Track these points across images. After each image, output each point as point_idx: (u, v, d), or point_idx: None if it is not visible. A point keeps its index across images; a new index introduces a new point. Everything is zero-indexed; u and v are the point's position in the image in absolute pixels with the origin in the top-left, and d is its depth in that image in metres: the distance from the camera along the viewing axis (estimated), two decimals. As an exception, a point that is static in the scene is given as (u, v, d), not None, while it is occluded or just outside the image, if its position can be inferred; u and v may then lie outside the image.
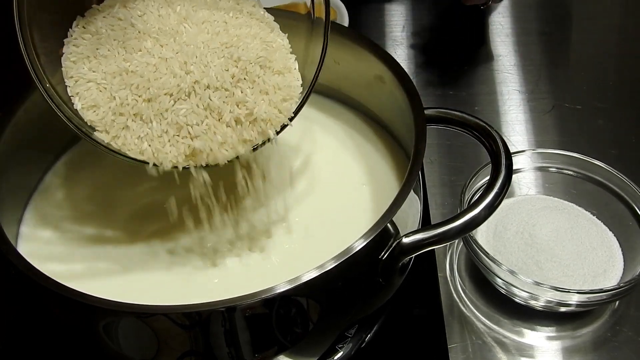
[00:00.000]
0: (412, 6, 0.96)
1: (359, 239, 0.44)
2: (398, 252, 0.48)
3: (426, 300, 0.61)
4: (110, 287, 0.50)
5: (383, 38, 0.91)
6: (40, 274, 0.44)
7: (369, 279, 0.48)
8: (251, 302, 0.42)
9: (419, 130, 0.51)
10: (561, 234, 0.60)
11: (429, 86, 0.83)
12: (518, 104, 0.81)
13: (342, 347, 0.51)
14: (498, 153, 0.51)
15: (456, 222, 0.48)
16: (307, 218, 0.55)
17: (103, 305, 0.42)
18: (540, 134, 0.77)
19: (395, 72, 0.56)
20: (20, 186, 0.56)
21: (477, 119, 0.54)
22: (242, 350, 0.46)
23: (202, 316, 0.43)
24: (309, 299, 0.45)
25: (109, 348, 0.46)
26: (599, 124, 0.78)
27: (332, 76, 0.63)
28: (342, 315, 0.49)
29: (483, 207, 0.48)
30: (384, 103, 0.60)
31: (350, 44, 0.59)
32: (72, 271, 0.52)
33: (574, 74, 0.86)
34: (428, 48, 0.89)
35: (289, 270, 0.50)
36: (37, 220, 0.56)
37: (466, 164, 0.73)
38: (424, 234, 0.48)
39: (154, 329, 0.44)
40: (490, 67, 0.86)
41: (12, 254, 0.46)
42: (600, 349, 0.58)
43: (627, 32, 0.93)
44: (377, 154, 0.60)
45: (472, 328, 0.59)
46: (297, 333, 0.47)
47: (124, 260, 0.52)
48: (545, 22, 0.93)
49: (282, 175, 0.58)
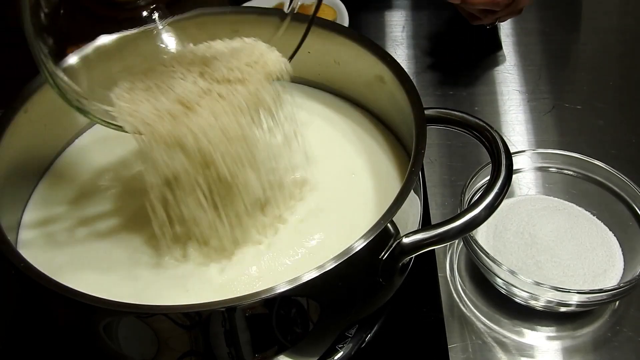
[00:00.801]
0: (413, 6, 0.96)
1: (359, 239, 0.44)
2: (398, 252, 0.48)
3: (426, 300, 0.61)
4: (111, 286, 0.50)
5: (383, 38, 0.91)
6: (40, 274, 0.44)
7: (369, 279, 0.48)
8: (251, 302, 0.42)
9: (419, 130, 0.51)
10: (561, 234, 0.60)
11: (429, 86, 0.84)
12: (518, 104, 0.81)
13: (342, 347, 0.51)
14: (498, 153, 0.51)
15: (456, 222, 0.48)
16: (306, 215, 0.55)
17: (103, 305, 0.42)
18: (541, 134, 0.77)
19: (395, 72, 0.56)
20: (19, 186, 0.56)
21: (477, 119, 0.54)
22: (243, 350, 0.46)
23: (202, 316, 0.43)
24: (309, 299, 0.45)
25: (109, 348, 0.46)
26: (599, 124, 0.78)
27: (333, 76, 0.63)
28: (342, 315, 0.49)
29: (483, 207, 0.48)
30: (385, 103, 0.60)
31: (351, 44, 0.59)
32: (73, 271, 0.52)
33: (574, 74, 0.86)
34: (428, 48, 0.89)
35: (288, 269, 0.51)
36: (37, 220, 0.56)
37: (466, 164, 0.73)
38: (424, 234, 0.48)
39: (154, 329, 0.44)
40: (491, 67, 0.86)
41: (12, 254, 0.46)
42: (600, 349, 0.58)
43: (627, 32, 0.93)
44: (380, 150, 0.60)
45: (472, 328, 0.60)
46: (297, 333, 0.47)
47: (125, 259, 0.52)
48: (546, 22, 0.93)
49: (283, 169, 0.58)
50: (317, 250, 0.52)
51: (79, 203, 0.57)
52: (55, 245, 0.54)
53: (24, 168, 0.57)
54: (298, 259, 0.51)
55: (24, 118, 0.55)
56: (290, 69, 0.52)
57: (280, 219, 0.54)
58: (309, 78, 0.65)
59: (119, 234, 0.54)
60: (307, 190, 0.56)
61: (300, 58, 0.63)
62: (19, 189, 0.57)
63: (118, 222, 0.55)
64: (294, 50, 0.53)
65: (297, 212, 0.55)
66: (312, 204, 0.55)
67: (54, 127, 0.59)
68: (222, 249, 0.52)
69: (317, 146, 0.59)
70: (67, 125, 0.61)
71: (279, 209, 0.54)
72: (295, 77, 0.65)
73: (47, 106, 0.57)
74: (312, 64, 0.63)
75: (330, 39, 0.60)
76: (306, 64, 0.63)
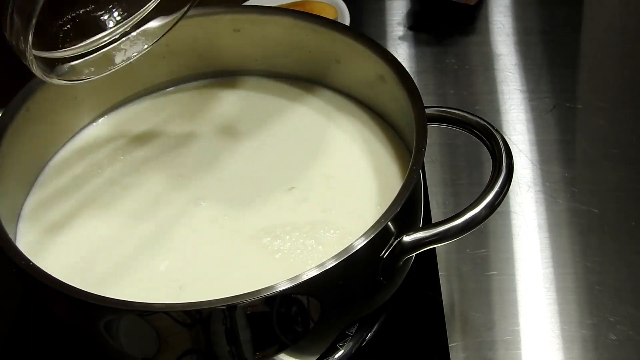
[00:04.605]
0: (414, 5, 0.96)
1: (360, 237, 0.44)
2: (399, 250, 0.48)
3: (427, 299, 0.61)
4: (112, 285, 0.50)
5: (384, 37, 0.91)
6: (41, 272, 0.44)
7: (370, 278, 0.48)
8: (252, 300, 0.42)
9: (419, 129, 0.51)
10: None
11: (430, 85, 0.84)
12: (519, 103, 0.81)
13: (342, 345, 0.51)
14: (499, 152, 0.51)
15: (457, 221, 0.48)
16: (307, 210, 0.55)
17: (104, 303, 0.43)
18: (541, 133, 0.77)
19: (396, 71, 0.56)
20: (18, 182, 0.56)
21: (478, 118, 0.54)
22: (243, 348, 0.46)
23: (203, 314, 0.43)
24: (309, 297, 0.45)
25: (110, 346, 0.46)
26: (600, 124, 0.78)
27: (334, 75, 0.63)
28: (343, 314, 0.49)
29: (484, 206, 0.48)
30: (386, 101, 0.60)
31: (352, 43, 0.59)
32: (73, 269, 0.52)
33: (575, 73, 0.86)
34: (429, 47, 0.89)
35: (289, 264, 0.51)
36: (37, 218, 0.56)
37: (467, 164, 0.73)
38: (425, 232, 0.48)
39: (155, 327, 0.45)
40: (491, 66, 0.86)
41: (13, 252, 0.46)
42: (601, 349, 0.58)
43: (628, 32, 0.93)
44: (382, 148, 0.60)
45: (473, 327, 0.60)
46: (297, 331, 0.47)
47: (126, 256, 0.52)
48: (547, 21, 0.93)
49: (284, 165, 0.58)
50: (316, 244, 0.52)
51: (79, 199, 0.57)
52: (55, 242, 0.54)
53: (25, 166, 0.57)
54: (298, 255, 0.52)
55: (25, 117, 0.55)
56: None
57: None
58: (310, 76, 0.65)
59: (120, 230, 0.54)
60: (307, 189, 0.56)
61: (301, 56, 0.63)
62: (20, 187, 0.57)
63: (119, 217, 0.55)
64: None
65: (296, 210, 0.55)
66: (312, 200, 0.56)
67: (55, 125, 0.59)
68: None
69: (318, 144, 0.59)
70: (68, 124, 0.61)
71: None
72: (296, 75, 0.65)
73: (49, 104, 0.57)
74: (313, 63, 0.63)
75: (331, 38, 0.60)
76: (307, 63, 0.64)
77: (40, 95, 0.56)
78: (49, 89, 0.56)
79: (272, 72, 0.66)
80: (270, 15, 0.62)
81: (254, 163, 0.59)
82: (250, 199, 0.56)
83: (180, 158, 0.60)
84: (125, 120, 0.63)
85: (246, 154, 0.60)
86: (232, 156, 0.59)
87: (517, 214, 0.68)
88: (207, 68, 0.66)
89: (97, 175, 0.59)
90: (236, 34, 0.63)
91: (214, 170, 0.58)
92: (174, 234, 0.53)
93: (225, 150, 0.60)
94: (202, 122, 0.63)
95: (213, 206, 0.55)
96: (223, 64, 0.66)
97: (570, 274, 0.63)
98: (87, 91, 0.60)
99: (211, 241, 0.53)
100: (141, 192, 0.57)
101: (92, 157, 0.60)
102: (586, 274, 0.63)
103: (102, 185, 0.58)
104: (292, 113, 0.63)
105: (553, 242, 0.66)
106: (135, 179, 0.58)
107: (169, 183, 0.57)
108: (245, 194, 0.56)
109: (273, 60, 0.65)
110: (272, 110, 0.63)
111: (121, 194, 0.57)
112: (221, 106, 0.64)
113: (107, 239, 0.54)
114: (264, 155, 0.60)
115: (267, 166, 0.59)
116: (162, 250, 0.53)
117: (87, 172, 0.59)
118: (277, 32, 0.62)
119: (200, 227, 0.54)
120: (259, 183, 0.57)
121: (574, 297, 0.62)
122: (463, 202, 0.63)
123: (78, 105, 0.61)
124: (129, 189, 0.57)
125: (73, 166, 0.60)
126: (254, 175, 0.58)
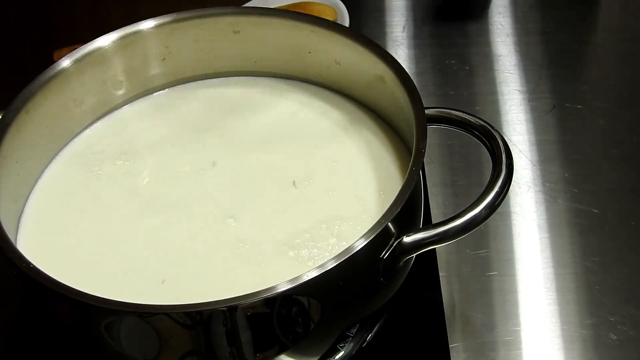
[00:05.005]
0: (413, 6, 0.96)
1: (360, 238, 0.44)
2: (399, 251, 0.48)
3: (427, 299, 0.61)
4: (112, 285, 0.50)
5: (384, 38, 0.91)
6: (41, 274, 0.44)
7: (370, 278, 0.48)
8: (252, 301, 0.42)
9: (419, 130, 0.51)
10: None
11: (429, 86, 0.84)
12: (519, 104, 0.81)
13: (343, 346, 0.51)
14: (499, 152, 0.51)
15: (457, 222, 0.48)
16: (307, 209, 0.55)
17: (105, 305, 0.43)
18: (541, 134, 0.77)
19: (396, 72, 0.56)
20: (19, 184, 0.56)
21: (478, 118, 0.54)
22: (244, 349, 0.46)
23: (204, 316, 0.43)
24: (310, 298, 0.45)
25: (110, 347, 0.46)
26: (600, 124, 0.78)
27: (334, 76, 0.63)
28: (344, 315, 0.49)
29: (483, 207, 0.48)
30: (386, 102, 0.60)
31: (351, 44, 0.59)
32: (74, 270, 0.52)
33: (574, 73, 0.86)
34: (429, 48, 0.89)
35: (287, 261, 0.51)
36: (37, 220, 0.56)
37: (467, 164, 0.73)
38: (425, 233, 0.48)
39: (155, 329, 0.45)
40: (491, 67, 0.86)
41: (13, 253, 0.46)
42: (601, 349, 0.58)
43: (628, 32, 0.93)
44: (383, 149, 0.60)
45: (474, 327, 0.60)
46: (298, 332, 0.47)
47: (126, 257, 0.52)
48: (546, 22, 0.93)
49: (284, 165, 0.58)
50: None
51: (79, 200, 0.57)
52: (55, 243, 0.54)
53: (25, 168, 0.57)
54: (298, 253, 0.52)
55: (25, 119, 0.55)
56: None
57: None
58: (310, 78, 0.65)
59: (121, 231, 0.54)
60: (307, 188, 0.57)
61: (301, 58, 0.63)
62: (20, 189, 0.57)
63: (120, 218, 0.55)
64: None
65: (297, 207, 0.55)
66: (313, 199, 0.56)
67: (55, 128, 0.60)
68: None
69: (318, 144, 0.59)
70: (68, 126, 0.61)
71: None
72: (296, 76, 0.65)
73: (49, 107, 0.57)
74: (313, 64, 0.63)
75: (331, 39, 0.60)
76: (307, 64, 0.64)
77: (40, 97, 0.56)
78: (49, 91, 0.56)
79: (272, 73, 0.66)
80: (270, 17, 0.62)
81: (254, 163, 0.59)
82: (252, 199, 0.56)
83: (181, 159, 0.60)
84: (125, 122, 0.63)
85: (246, 154, 0.60)
86: (232, 156, 0.60)
87: (517, 214, 0.68)
88: (207, 69, 0.66)
89: (97, 177, 0.59)
90: (236, 35, 0.63)
91: (214, 170, 0.58)
92: (175, 237, 0.53)
93: (226, 151, 0.60)
94: (202, 123, 0.63)
95: (217, 208, 0.55)
96: (223, 65, 0.66)
97: (570, 274, 0.64)
98: (87, 93, 0.60)
99: (217, 247, 0.53)
100: (141, 193, 0.57)
101: (92, 159, 0.60)
102: (586, 274, 0.63)
103: (102, 187, 0.58)
104: (292, 114, 0.63)
105: (553, 242, 0.66)
106: (135, 181, 0.58)
107: (170, 184, 0.58)
108: (246, 194, 0.56)
109: (273, 62, 0.65)
110: (272, 111, 0.64)
111: (121, 196, 0.57)
112: (221, 107, 0.65)
113: (108, 241, 0.54)
114: (264, 155, 0.60)
115: (268, 166, 0.59)
116: (163, 254, 0.53)
117: (86, 174, 0.59)
118: (277, 33, 0.62)
119: (203, 230, 0.54)
120: (260, 183, 0.57)
121: (574, 297, 0.62)
122: (463, 202, 0.62)
123: (78, 107, 0.61)
124: (129, 190, 0.57)
125: (73, 168, 0.60)
126: (254, 176, 0.58)
